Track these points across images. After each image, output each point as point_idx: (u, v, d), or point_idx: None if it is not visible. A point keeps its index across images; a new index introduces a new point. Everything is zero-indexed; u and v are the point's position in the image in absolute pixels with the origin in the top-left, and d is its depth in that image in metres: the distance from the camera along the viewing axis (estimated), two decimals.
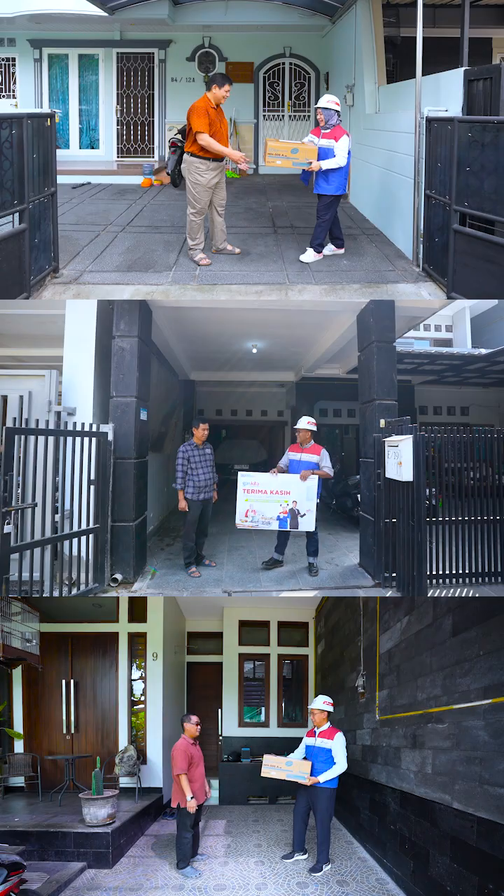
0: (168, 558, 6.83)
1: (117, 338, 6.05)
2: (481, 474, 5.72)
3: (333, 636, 8.39)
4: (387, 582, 5.66)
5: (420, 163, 5.91)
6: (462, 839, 3.65)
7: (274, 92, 12.49)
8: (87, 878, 5.40)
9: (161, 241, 7.09)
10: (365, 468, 6.28)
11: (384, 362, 6.13)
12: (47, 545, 5.06)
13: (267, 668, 9.93)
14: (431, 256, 5.84)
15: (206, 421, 6.55)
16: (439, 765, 4.07)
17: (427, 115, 5.76)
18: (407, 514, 5.27)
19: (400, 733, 5.02)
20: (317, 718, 5.77)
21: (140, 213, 8.49)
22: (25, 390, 5.85)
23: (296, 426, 6.54)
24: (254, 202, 9.33)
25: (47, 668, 8.04)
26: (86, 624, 8.33)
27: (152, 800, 7.53)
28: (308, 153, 6.08)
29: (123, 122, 12.45)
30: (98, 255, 6.58)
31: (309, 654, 10.02)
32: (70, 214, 8.41)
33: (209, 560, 6.66)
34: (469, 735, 3.61)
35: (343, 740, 5.70)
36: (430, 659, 4.36)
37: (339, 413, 14.46)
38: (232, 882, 5.28)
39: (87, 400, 6.11)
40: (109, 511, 5.72)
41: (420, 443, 5.11)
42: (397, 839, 5.02)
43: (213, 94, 6.06)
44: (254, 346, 9.65)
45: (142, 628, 8.38)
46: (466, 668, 3.70)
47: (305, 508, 6.14)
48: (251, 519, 6.17)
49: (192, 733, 5.77)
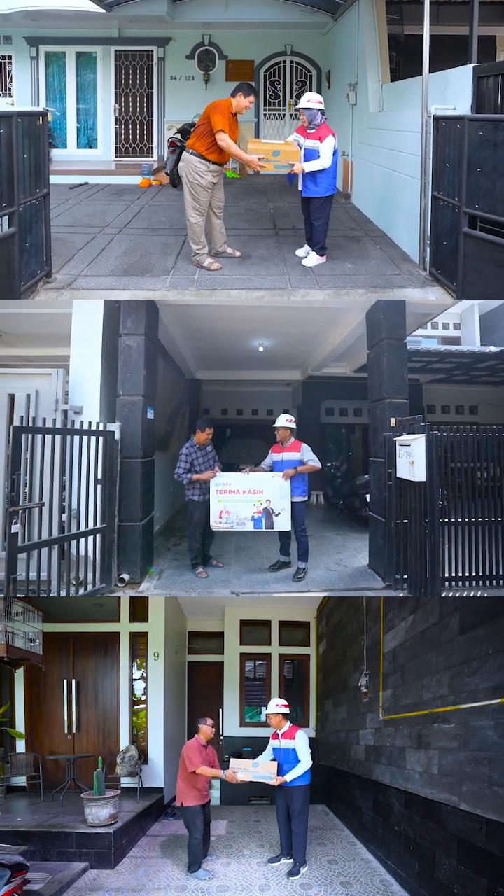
0: (175, 558, 6.76)
1: (124, 336, 5.95)
2: (490, 474, 5.59)
3: (335, 635, 8.35)
4: (398, 584, 5.50)
5: (427, 163, 5.73)
6: (470, 841, 3.62)
7: (275, 91, 12.37)
8: (90, 879, 5.37)
9: (159, 244, 6.95)
10: (374, 468, 6.15)
11: (395, 360, 5.98)
12: (55, 545, 5.01)
13: (268, 667, 9.90)
14: (439, 260, 5.67)
15: (213, 425, 6.43)
16: (446, 765, 4.04)
17: (434, 113, 5.59)
18: (419, 515, 5.14)
19: (405, 733, 4.99)
20: (273, 721, 5.83)
21: (138, 215, 8.35)
22: (32, 389, 5.76)
23: (274, 425, 6.37)
24: (254, 203, 9.18)
25: (49, 667, 8.00)
26: (87, 624, 8.30)
27: (153, 800, 7.51)
28: (290, 155, 5.85)
29: (122, 122, 12.31)
30: (93, 259, 6.44)
31: (310, 653, 9.98)
32: (66, 216, 8.28)
33: (216, 560, 6.56)
34: (477, 735, 3.57)
35: (305, 737, 5.77)
36: (436, 658, 4.33)
37: (346, 412, 14.36)
38: (235, 883, 5.25)
39: (94, 399, 6.02)
40: (116, 511, 5.66)
41: (434, 442, 4.99)
42: (402, 840, 4.99)
43: (236, 101, 5.85)
44: (260, 345, 9.56)
45: (143, 628, 8.35)
46: (475, 668, 3.67)
47: (280, 507, 6.02)
48: (225, 520, 6.07)
49: (208, 735, 5.83)
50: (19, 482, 4.53)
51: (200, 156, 5.87)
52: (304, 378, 12.66)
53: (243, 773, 5.73)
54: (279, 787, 5.66)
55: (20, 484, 4.55)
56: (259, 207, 8.86)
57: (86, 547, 5.32)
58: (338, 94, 10.15)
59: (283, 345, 9.72)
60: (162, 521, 8.37)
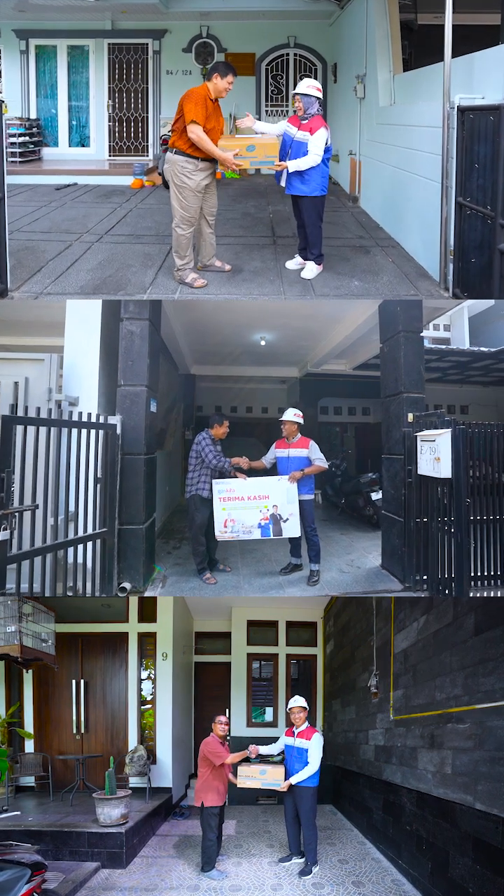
0: (177, 563, 6.38)
1: (126, 320, 5.41)
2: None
3: (343, 636, 8.37)
4: (417, 585, 5.25)
5: (449, 163, 4.99)
6: (486, 840, 3.63)
7: (277, 85, 11.86)
8: (102, 878, 5.39)
9: (140, 255, 6.43)
10: (389, 465, 5.86)
11: (412, 353, 5.64)
12: (49, 553, 4.41)
13: (275, 667, 9.91)
14: (466, 279, 4.92)
15: (227, 418, 6.10)
16: (460, 765, 4.05)
17: (459, 103, 4.81)
18: (443, 513, 4.91)
19: (416, 733, 5.00)
20: (298, 718, 5.77)
21: (123, 220, 7.81)
22: (21, 376, 5.18)
23: (281, 418, 5.96)
24: (252, 206, 8.62)
25: (58, 668, 8.02)
26: (96, 624, 8.32)
27: (162, 800, 7.53)
28: (267, 149, 5.14)
29: (115, 119, 11.86)
30: (62, 273, 5.86)
31: (317, 653, 10.00)
32: (45, 220, 7.80)
33: (223, 565, 6.22)
34: (493, 735, 3.58)
35: (320, 742, 5.71)
36: (449, 658, 4.34)
37: (340, 411, 14.34)
38: (247, 883, 5.26)
39: (92, 388, 5.44)
40: (117, 513, 5.19)
41: (460, 437, 4.75)
42: (414, 840, 5.00)
43: (213, 84, 5.16)
44: (262, 339, 9.24)
45: (151, 628, 8.36)
46: (491, 668, 3.68)
47: (288, 513, 5.69)
48: (230, 529, 5.69)
49: (219, 732, 5.84)
50: (9, 481, 3.93)
51: (185, 153, 5.17)
52: (301, 375, 12.54)
53: (251, 780, 5.76)
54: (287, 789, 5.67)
55: (9, 483, 3.94)
56: (257, 212, 8.27)
57: (84, 553, 4.77)
58: (344, 89, 9.65)
59: (285, 339, 9.44)
60: (158, 522, 8.20)
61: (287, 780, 5.62)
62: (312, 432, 12.93)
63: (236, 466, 5.83)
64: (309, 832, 5.57)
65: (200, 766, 5.73)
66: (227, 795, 5.86)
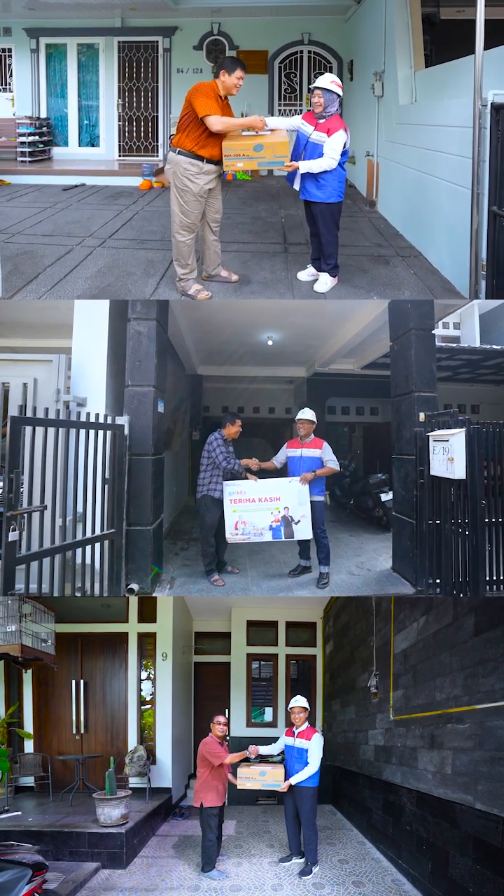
0: (185, 564, 6.29)
1: (133, 320, 5.35)
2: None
3: (343, 636, 8.37)
4: (430, 589, 5.08)
5: (481, 167, 4.57)
6: (486, 840, 3.64)
7: (290, 84, 11.54)
8: (102, 879, 5.39)
9: (142, 261, 6.17)
10: (400, 465, 5.74)
11: (423, 351, 5.47)
12: (58, 553, 4.45)
13: (275, 668, 9.92)
14: (501, 295, 4.64)
15: (240, 417, 6.05)
16: (460, 765, 4.06)
17: (493, 100, 4.38)
18: (457, 515, 4.78)
19: (416, 733, 5.01)
20: (298, 718, 5.77)
21: (128, 223, 7.57)
22: (30, 377, 5.16)
23: (297, 417, 5.90)
24: (263, 210, 8.24)
25: (57, 668, 8.02)
26: (96, 624, 8.32)
27: (162, 800, 7.53)
28: (276, 148, 4.80)
29: (125, 118, 11.77)
30: (59, 281, 5.63)
31: (317, 654, 10.01)
32: (48, 223, 7.59)
33: (231, 566, 6.15)
34: (494, 735, 3.59)
35: (320, 742, 5.71)
36: (450, 659, 4.35)
37: (348, 411, 14.30)
38: (248, 883, 5.27)
39: (100, 389, 5.42)
40: (125, 514, 5.19)
41: (475, 436, 4.61)
42: (413, 840, 5.01)
43: (221, 81, 4.89)
44: (269, 338, 9.10)
45: (151, 628, 8.36)
46: (491, 668, 3.69)
47: (299, 514, 5.63)
48: (241, 531, 5.65)
49: (217, 733, 5.83)
50: (18, 482, 3.93)
51: (191, 154, 4.89)
52: (308, 375, 12.50)
53: (252, 782, 5.77)
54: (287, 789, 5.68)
55: (18, 484, 3.94)
56: (268, 216, 7.90)
57: (91, 554, 4.78)
58: (361, 87, 9.26)
59: (292, 338, 9.29)
60: (166, 523, 8.22)
61: (287, 780, 5.63)
62: (320, 432, 12.88)
63: (246, 468, 5.81)
64: (309, 832, 5.58)
65: (199, 767, 5.74)
66: (226, 795, 5.85)
